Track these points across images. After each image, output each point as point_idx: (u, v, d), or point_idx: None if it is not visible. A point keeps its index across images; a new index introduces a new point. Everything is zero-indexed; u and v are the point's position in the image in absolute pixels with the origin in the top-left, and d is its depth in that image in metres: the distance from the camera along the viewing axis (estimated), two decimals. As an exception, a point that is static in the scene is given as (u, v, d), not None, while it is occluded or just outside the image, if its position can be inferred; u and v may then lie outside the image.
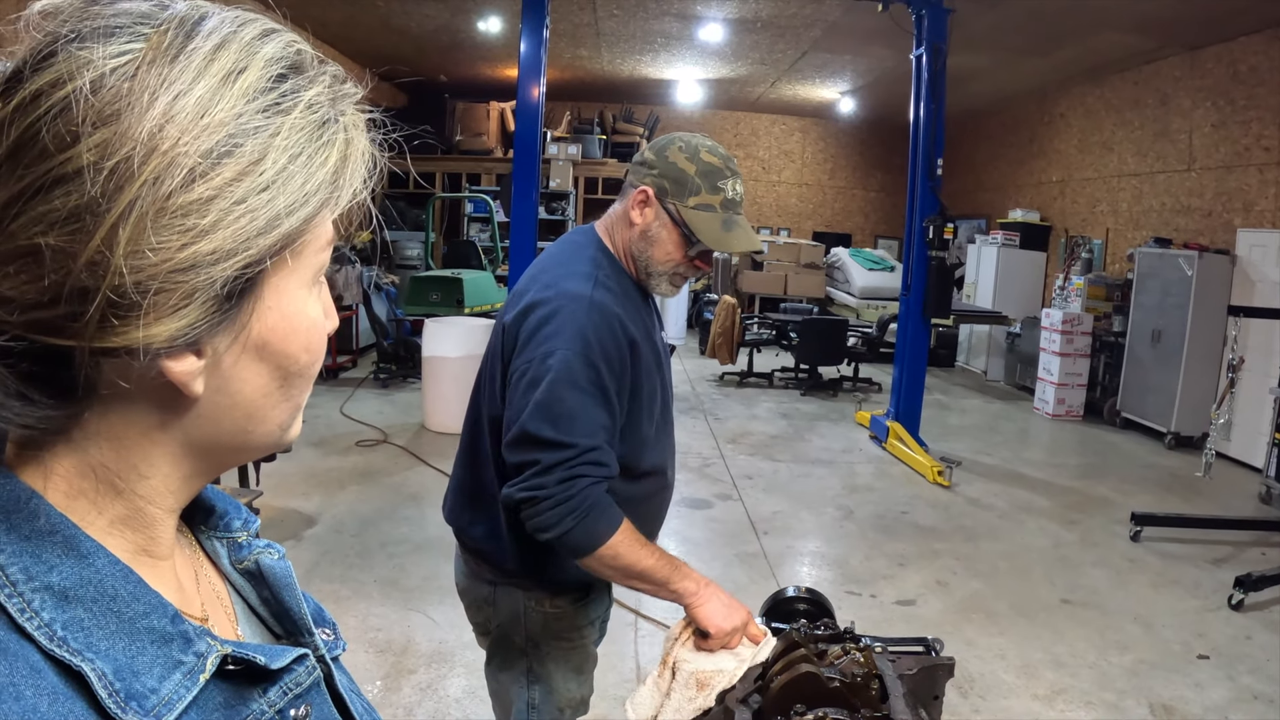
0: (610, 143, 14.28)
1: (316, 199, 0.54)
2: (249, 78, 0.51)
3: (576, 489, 1.66)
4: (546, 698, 1.94)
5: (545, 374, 1.69)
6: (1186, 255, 8.18)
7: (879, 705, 1.55)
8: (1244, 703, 3.74)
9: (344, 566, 4.59)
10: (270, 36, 0.54)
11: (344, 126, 0.56)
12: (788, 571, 4.94)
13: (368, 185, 0.59)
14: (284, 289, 0.57)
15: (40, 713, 0.47)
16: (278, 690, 0.59)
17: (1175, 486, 6.97)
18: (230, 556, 0.71)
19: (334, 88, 0.57)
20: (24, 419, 0.50)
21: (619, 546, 1.69)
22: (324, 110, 0.55)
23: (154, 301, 0.49)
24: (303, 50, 0.56)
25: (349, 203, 0.58)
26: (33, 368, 0.50)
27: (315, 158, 0.54)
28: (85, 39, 0.48)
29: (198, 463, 0.59)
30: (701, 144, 1.86)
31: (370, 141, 0.59)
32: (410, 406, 8.14)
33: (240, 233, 0.50)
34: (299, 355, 0.59)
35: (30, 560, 0.51)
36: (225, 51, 0.51)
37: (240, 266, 0.51)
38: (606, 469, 1.71)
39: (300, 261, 0.57)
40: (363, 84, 0.61)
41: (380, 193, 0.60)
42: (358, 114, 0.59)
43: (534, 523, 1.68)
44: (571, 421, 1.68)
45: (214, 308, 0.51)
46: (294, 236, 0.54)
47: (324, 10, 9.45)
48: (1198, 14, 7.83)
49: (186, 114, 0.48)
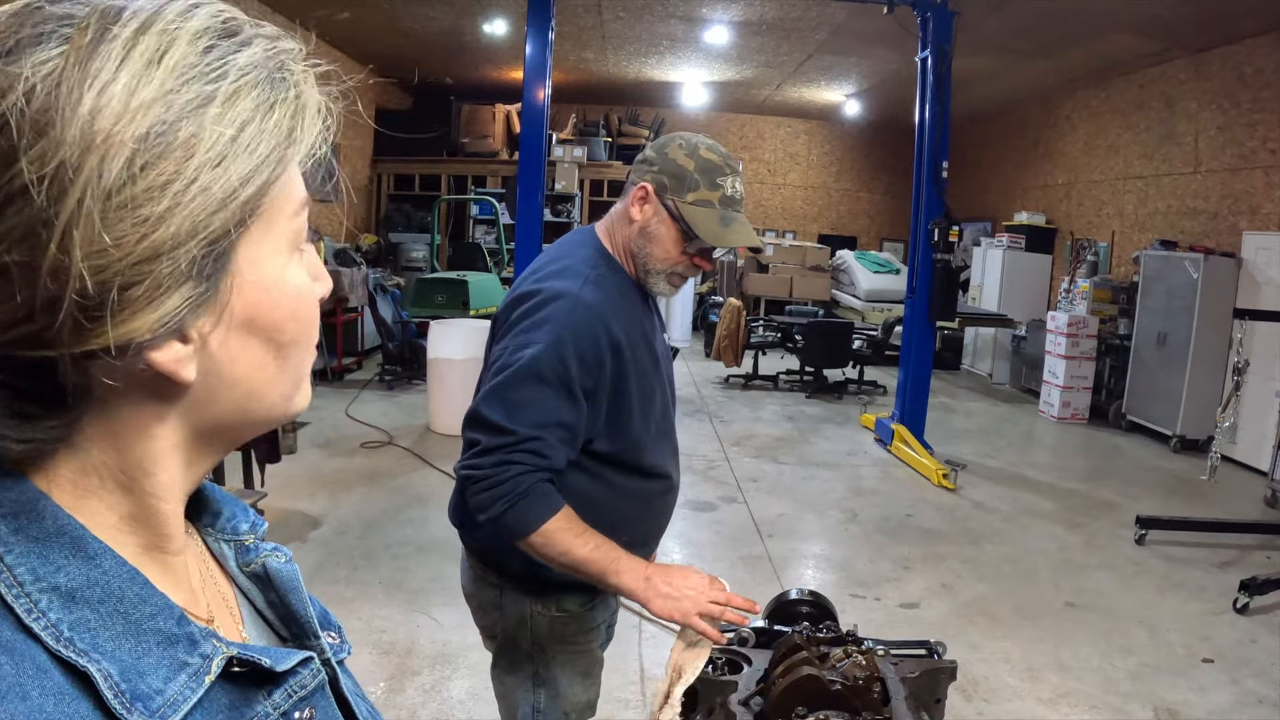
0: (615, 145, 14.28)
1: (270, 162, 0.53)
2: (175, 55, 0.50)
3: (508, 474, 1.68)
4: (552, 702, 1.94)
5: (514, 363, 1.72)
6: (1192, 258, 8.16)
7: (881, 708, 1.55)
8: (1248, 707, 3.73)
9: (349, 568, 4.60)
10: (195, 10, 0.52)
11: (291, 85, 0.55)
12: (792, 574, 4.94)
13: (325, 140, 0.57)
14: (259, 260, 0.55)
15: (46, 712, 0.47)
16: (283, 693, 0.59)
17: (1180, 490, 6.95)
18: (238, 559, 0.71)
19: (271, 47, 0.55)
20: (22, 435, 0.51)
21: (551, 535, 1.69)
22: (263, 71, 0.53)
23: (125, 297, 0.48)
24: (233, 17, 0.54)
25: (309, 160, 0.57)
26: (23, 384, 0.50)
27: (263, 122, 0.53)
28: (12, 53, 0.47)
29: (201, 447, 0.59)
30: (702, 142, 1.88)
31: (323, 95, 0.58)
32: (415, 408, 8.15)
33: (197, 212, 0.50)
34: (287, 324, 0.58)
35: (38, 561, 0.51)
36: (147, 35, 0.50)
37: (205, 245, 0.50)
38: (546, 460, 1.72)
39: (271, 229, 0.56)
40: (309, 45, 0.58)
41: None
42: (305, 70, 0.57)
43: (471, 502, 1.73)
44: (520, 409, 1.70)
45: (189, 291, 0.51)
46: (254, 204, 0.53)
47: (329, 12, 9.46)
48: (1203, 16, 7.82)
49: (115, 103, 0.47)
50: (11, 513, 0.51)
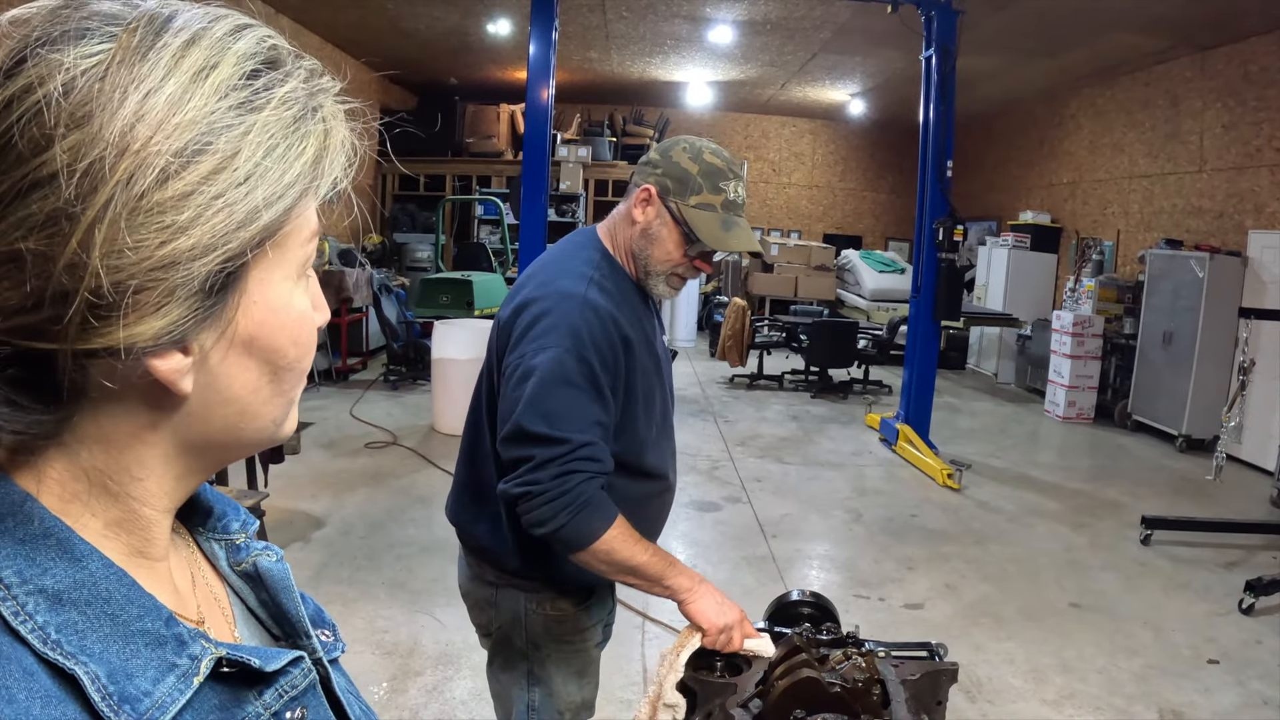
0: (620, 145, 14.28)
1: (295, 190, 0.54)
2: (221, 74, 0.51)
3: (571, 484, 1.67)
4: (546, 700, 1.94)
5: (536, 370, 1.71)
6: (1198, 257, 8.14)
7: (881, 711, 1.55)
8: (1254, 708, 3.71)
9: (352, 568, 4.61)
10: (243, 32, 0.53)
11: (322, 118, 0.56)
12: (796, 574, 4.93)
13: (348, 175, 0.59)
14: (268, 282, 0.56)
15: (34, 715, 0.47)
16: (273, 693, 0.59)
17: (1186, 489, 6.93)
18: (229, 558, 0.71)
19: (310, 81, 0.56)
20: (13, 425, 0.50)
21: (613, 542, 1.70)
22: (300, 104, 0.55)
23: (135, 300, 0.49)
24: (277, 45, 0.55)
25: (329, 193, 0.58)
26: (19, 373, 0.49)
27: (292, 150, 0.54)
28: (56, 42, 0.48)
29: (191, 461, 0.59)
30: (705, 146, 1.89)
31: (350, 132, 0.59)
32: (420, 409, 8.16)
33: (219, 227, 0.50)
34: (287, 349, 0.59)
35: (24, 563, 0.51)
36: (196, 48, 0.51)
37: (221, 261, 0.51)
38: (601, 464, 1.72)
39: (283, 254, 0.57)
40: (342, 76, 0.60)
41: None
42: (336, 105, 0.58)
43: (529, 518, 1.69)
44: (565, 417, 1.69)
45: (197, 304, 0.51)
46: (274, 228, 0.54)
47: (333, 13, 9.49)
48: (1208, 15, 7.80)
49: (157, 112, 0.48)
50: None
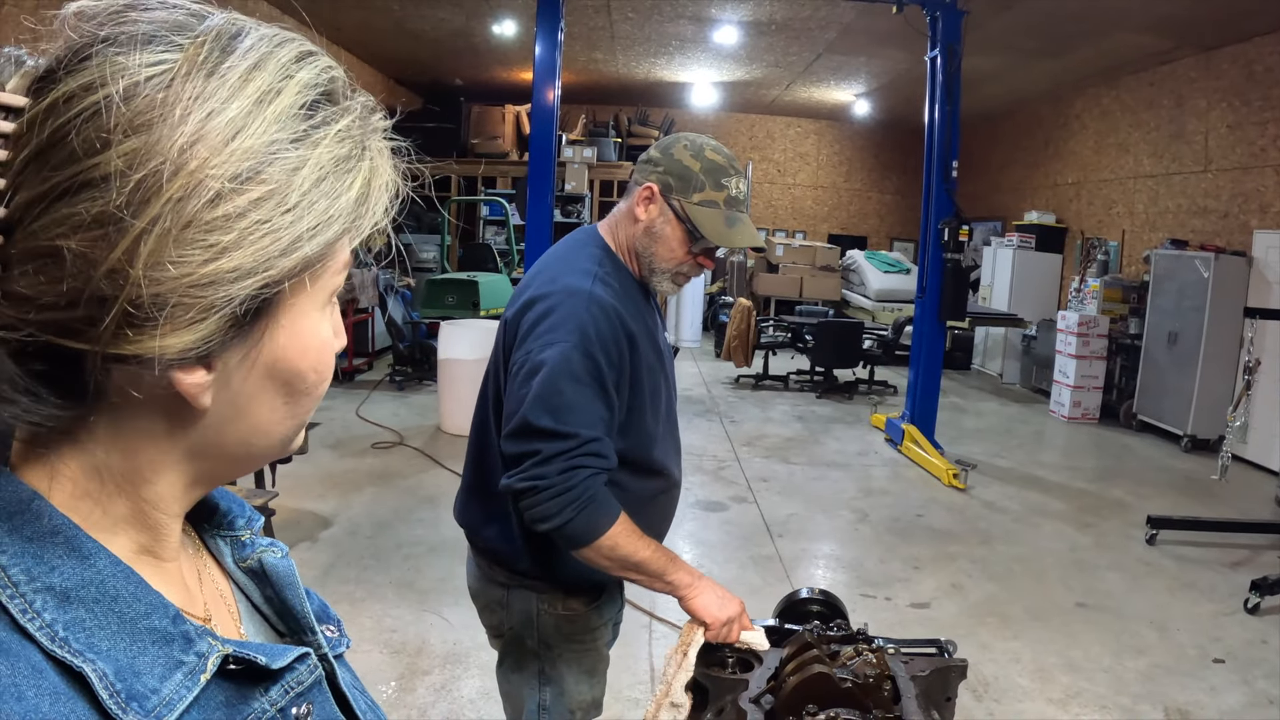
0: (625, 145, 14.27)
1: (339, 225, 0.55)
2: (283, 102, 0.51)
3: (577, 479, 1.68)
4: (558, 699, 1.95)
5: (543, 365, 1.71)
6: (1203, 257, 8.13)
7: (891, 706, 1.56)
8: (1259, 707, 3.72)
9: (359, 568, 4.62)
10: (307, 61, 0.54)
11: (370, 156, 0.57)
12: (802, 574, 4.94)
13: (389, 214, 0.59)
14: (299, 310, 0.57)
15: (42, 713, 0.47)
16: (279, 689, 0.60)
17: (1191, 489, 6.93)
18: (234, 555, 0.71)
19: (364, 119, 0.57)
20: (30, 415, 0.51)
21: (617, 537, 1.71)
22: (351, 142, 0.55)
23: (170, 314, 0.49)
24: (337, 77, 0.56)
25: (369, 230, 0.58)
26: (44, 367, 0.50)
27: (340, 185, 0.54)
28: (121, 44, 0.48)
29: (202, 471, 0.60)
30: (706, 143, 1.90)
31: (394, 170, 0.60)
32: (426, 409, 8.18)
33: (262, 252, 0.51)
34: (308, 374, 0.60)
35: (32, 561, 0.51)
36: (261, 72, 0.51)
37: (259, 286, 0.51)
38: (606, 460, 1.73)
39: (317, 284, 0.57)
40: (381, 99, 0.61)
41: (399, 220, 0.62)
42: (384, 144, 0.59)
43: (533, 513, 1.70)
44: (571, 412, 1.70)
45: (229, 324, 0.52)
46: (314, 260, 0.54)
47: (338, 14, 9.51)
48: (1213, 14, 7.79)
49: (218, 134, 0.48)
50: (5, 513, 0.52)
